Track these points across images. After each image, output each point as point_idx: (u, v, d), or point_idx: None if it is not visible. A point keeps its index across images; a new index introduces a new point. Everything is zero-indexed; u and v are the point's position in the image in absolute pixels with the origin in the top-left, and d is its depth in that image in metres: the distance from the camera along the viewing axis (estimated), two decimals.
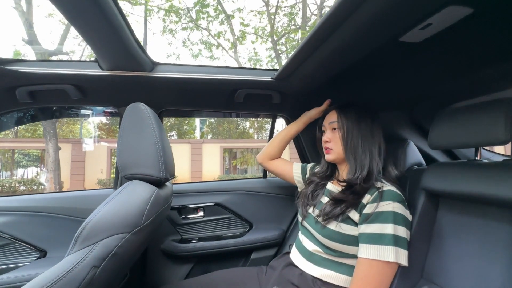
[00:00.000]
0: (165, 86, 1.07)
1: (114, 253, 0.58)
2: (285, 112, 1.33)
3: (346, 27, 0.65)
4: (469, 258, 0.69)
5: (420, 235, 0.81)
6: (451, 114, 0.77)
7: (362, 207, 0.75)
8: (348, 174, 0.85)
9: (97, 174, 9.08)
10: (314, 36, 0.72)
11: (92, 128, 11.29)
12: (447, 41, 0.71)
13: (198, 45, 9.12)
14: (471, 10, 0.57)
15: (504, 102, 0.64)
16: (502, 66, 0.78)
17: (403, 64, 0.88)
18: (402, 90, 1.09)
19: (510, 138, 0.61)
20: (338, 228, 0.76)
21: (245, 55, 9.54)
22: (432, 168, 0.82)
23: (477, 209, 0.71)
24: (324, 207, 0.82)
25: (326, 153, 0.90)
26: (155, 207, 0.71)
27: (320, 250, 0.82)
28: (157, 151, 0.75)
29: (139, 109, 0.77)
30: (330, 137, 0.89)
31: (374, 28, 0.64)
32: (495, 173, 0.64)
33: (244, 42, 9.04)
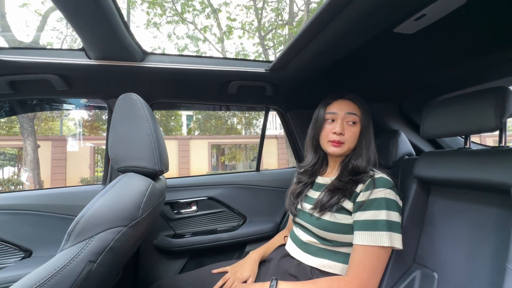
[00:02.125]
0: (157, 77, 1.03)
1: (111, 247, 0.56)
2: (278, 104, 1.33)
3: (342, 17, 0.65)
4: (460, 241, 0.72)
5: (413, 222, 0.83)
6: (442, 104, 0.79)
7: (355, 196, 0.76)
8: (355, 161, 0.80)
9: (80, 172, 8.75)
10: (311, 26, 0.72)
11: (74, 125, 10.84)
12: (439, 33, 0.73)
13: (184, 40, 8.92)
14: (464, 1, 0.59)
15: (493, 91, 0.67)
16: (491, 57, 0.81)
17: (396, 56, 0.90)
18: (393, 81, 1.12)
19: (499, 125, 0.64)
20: (333, 218, 0.77)
21: (233, 50, 9.39)
22: (423, 157, 0.85)
23: (467, 195, 0.74)
24: (321, 198, 0.80)
25: (335, 145, 0.80)
26: (152, 199, 0.69)
27: (315, 241, 0.82)
28: (152, 143, 0.72)
29: (131, 99, 0.74)
30: (344, 129, 0.80)
31: (369, 18, 0.65)
32: (485, 159, 0.67)
33: (231, 37, 8.93)
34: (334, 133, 0.80)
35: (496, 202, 0.66)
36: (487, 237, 0.67)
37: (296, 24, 7.65)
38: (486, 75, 0.96)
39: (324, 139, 0.84)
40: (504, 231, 0.59)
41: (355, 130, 0.81)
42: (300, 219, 0.86)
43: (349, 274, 0.71)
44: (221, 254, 1.32)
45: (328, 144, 0.82)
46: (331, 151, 0.82)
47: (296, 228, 0.90)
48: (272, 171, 1.59)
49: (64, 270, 0.49)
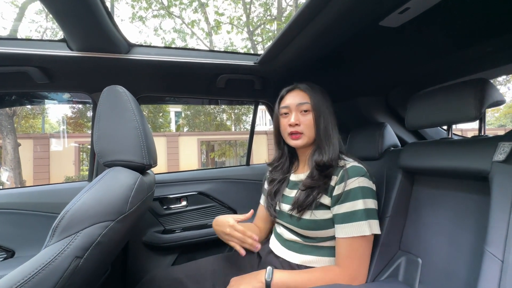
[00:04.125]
0: (143, 70, 1.01)
1: (98, 242, 0.55)
2: (266, 98, 1.33)
3: (329, 10, 0.65)
4: (442, 227, 0.76)
5: (398, 211, 0.86)
6: (425, 96, 0.82)
7: (331, 189, 0.76)
8: (318, 157, 0.78)
9: (64, 171, 8.47)
10: (298, 19, 0.72)
11: (57, 122, 10.44)
12: (423, 26, 0.74)
13: (171, 34, 8.75)
14: None
15: (473, 83, 0.69)
16: (472, 50, 0.84)
17: (382, 49, 0.92)
18: (380, 75, 1.14)
19: (479, 115, 0.67)
20: (313, 217, 0.77)
21: (221, 45, 9.27)
22: (408, 148, 0.87)
23: (449, 183, 0.77)
24: (297, 198, 0.79)
25: (294, 138, 0.80)
26: (140, 194, 0.68)
27: (298, 239, 0.82)
28: (139, 136, 0.71)
29: (117, 92, 0.72)
30: (300, 119, 0.80)
31: (356, 11, 0.66)
32: (465, 148, 0.70)
33: (219, 32, 8.82)
34: (290, 125, 0.80)
35: (476, 189, 0.69)
36: (468, 223, 0.70)
37: (285, 19, 7.64)
38: (468, 68, 0.99)
39: (284, 134, 0.84)
40: (482, 216, 0.62)
41: (309, 118, 0.80)
42: (280, 220, 0.86)
43: (339, 266, 0.73)
44: (212, 248, 1.32)
45: (288, 138, 0.83)
46: (293, 144, 0.82)
47: (278, 226, 0.90)
48: (262, 165, 1.59)
49: (49, 267, 0.48)
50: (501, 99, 0.69)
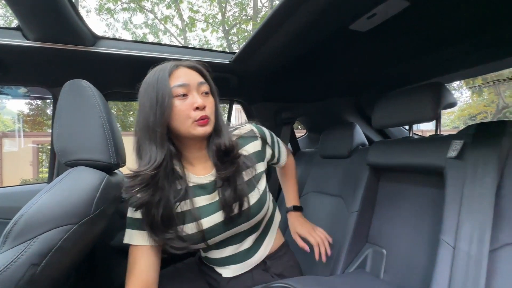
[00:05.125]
0: (111, 65, 0.95)
1: (59, 247, 0.51)
2: (242, 97, 1.33)
3: (300, 12, 0.67)
4: (405, 220, 0.81)
5: (366, 205, 0.91)
6: (390, 98, 0.87)
7: (262, 153, 0.76)
8: (218, 140, 0.66)
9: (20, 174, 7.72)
10: (270, 20, 0.74)
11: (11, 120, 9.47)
12: (390, 31, 0.79)
13: (143, 29, 8.38)
14: (408, 4, 0.65)
15: (430, 86, 0.76)
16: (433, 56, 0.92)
17: (353, 52, 0.96)
18: (351, 77, 1.20)
19: (435, 116, 0.73)
20: (257, 194, 0.70)
21: (196, 43, 9.08)
22: (374, 146, 0.93)
23: (411, 178, 0.83)
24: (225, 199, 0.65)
25: (202, 124, 0.61)
26: (106, 195, 0.64)
27: (248, 240, 0.74)
28: (105, 134, 0.67)
29: (80, 86, 0.67)
30: (205, 102, 0.62)
31: (326, 14, 0.68)
32: (424, 146, 0.76)
33: (194, 29, 8.64)
34: (197, 108, 0.61)
35: (433, 183, 0.75)
36: (426, 215, 0.76)
37: (260, 19, 7.70)
38: (429, 72, 1.08)
39: (183, 121, 0.61)
40: (439, 208, 0.68)
41: (212, 101, 0.66)
42: (215, 238, 0.68)
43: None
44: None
45: (193, 126, 0.61)
46: (201, 132, 0.62)
47: (211, 251, 0.74)
48: None
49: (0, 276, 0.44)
50: (454, 101, 0.77)
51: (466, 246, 0.56)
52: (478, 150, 0.62)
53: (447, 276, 0.57)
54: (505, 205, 0.56)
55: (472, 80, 7.18)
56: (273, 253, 0.79)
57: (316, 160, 1.28)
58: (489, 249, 0.53)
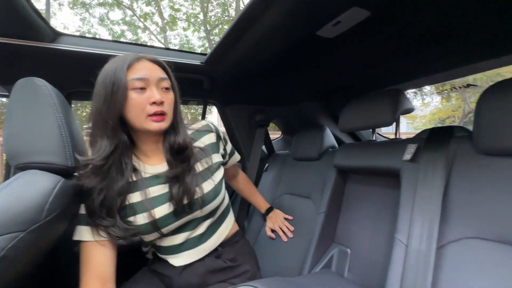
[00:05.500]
0: (73, 63, 0.91)
1: (3, 257, 0.48)
2: (216, 98, 1.32)
3: (268, 16, 0.68)
4: (367, 220, 0.85)
5: (333, 207, 0.94)
6: (353, 104, 0.91)
7: (217, 145, 0.80)
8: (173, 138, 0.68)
9: None
10: (237, 24, 0.74)
11: None
12: (355, 38, 0.82)
13: (121, 26, 8.08)
14: (369, 13, 0.68)
15: (389, 93, 0.80)
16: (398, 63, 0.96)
17: (321, 58, 0.99)
18: (322, 81, 1.23)
19: (393, 121, 0.77)
20: (211, 183, 0.72)
21: (177, 42, 8.91)
22: (341, 149, 0.96)
23: (372, 179, 0.87)
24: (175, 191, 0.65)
25: (159, 120, 0.62)
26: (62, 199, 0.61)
27: (202, 226, 0.74)
28: (62, 135, 0.64)
29: (34, 84, 0.64)
30: (163, 98, 0.63)
31: (293, 19, 0.70)
32: (383, 149, 0.80)
33: (175, 28, 8.47)
34: (153, 103, 0.61)
35: (392, 185, 0.79)
36: (386, 215, 0.80)
37: None
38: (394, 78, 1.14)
39: (138, 115, 0.61)
40: (396, 208, 0.71)
41: (171, 97, 0.66)
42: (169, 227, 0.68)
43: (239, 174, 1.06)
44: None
45: (148, 121, 0.62)
46: (155, 127, 0.62)
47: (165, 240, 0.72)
48: None
49: None
50: (411, 107, 0.81)
51: (416, 244, 0.59)
52: (429, 153, 0.66)
53: (400, 273, 0.60)
54: (451, 204, 0.60)
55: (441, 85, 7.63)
56: (226, 240, 0.80)
57: (289, 162, 1.30)
58: (437, 246, 0.57)
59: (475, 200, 0.56)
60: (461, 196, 0.59)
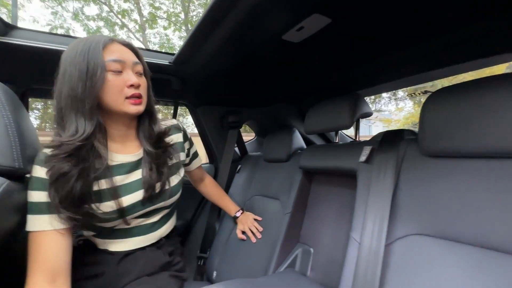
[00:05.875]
0: (28, 59, 0.86)
1: None
2: (186, 99, 1.30)
3: (230, 19, 0.69)
4: (329, 219, 0.88)
5: (299, 207, 0.96)
6: (317, 107, 0.94)
7: (182, 145, 0.83)
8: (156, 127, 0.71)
9: None
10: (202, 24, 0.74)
11: None
12: (319, 44, 0.85)
13: (97, 22, 7.75)
14: (330, 21, 0.71)
15: (349, 97, 0.83)
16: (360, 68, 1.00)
17: (290, 61, 1.01)
18: (293, 84, 1.25)
19: (351, 124, 0.80)
20: (178, 178, 0.77)
21: (156, 41, 8.69)
22: (306, 151, 0.99)
23: (334, 180, 0.90)
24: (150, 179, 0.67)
25: (137, 102, 0.62)
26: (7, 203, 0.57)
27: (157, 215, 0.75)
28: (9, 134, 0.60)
29: None
30: (139, 81, 0.63)
31: (257, 22, 0.71)
32: (343, 151, 0.83)
33: (155, 26, 8.26)
34: (131, 85, 0.61)
35: (351, 185, 0.83)
36: (345, 214, 0.83)
37: None
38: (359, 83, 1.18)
39: (116, 97, 0.60)
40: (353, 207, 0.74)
41: (145, 82, 0.67)
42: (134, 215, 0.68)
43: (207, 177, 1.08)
44: None
45: (126, 103, 0.61)
46: (134, 110, 0.62)
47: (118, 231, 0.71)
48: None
49: None
50: (369, 111, 0.85)
51: (368, 241, 0.62)
52: (382, 155, 0.69)
53: (353, 270, 0.63)
54: (399, 203, 0.63)
55: (413, 90, 8.03)
56: (169, 233, 0.82)
57: (261, 163, 1.31)
58: (385, 243, 0.60)
59: (419, 198, 0.60)
60: (407, 195, 0.62)
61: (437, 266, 0.53)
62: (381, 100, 8.44)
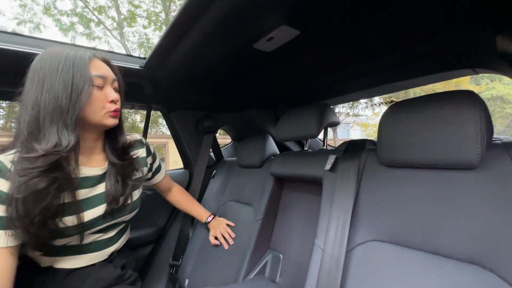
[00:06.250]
0: None
1: None
2: (160, 104, 1.28)
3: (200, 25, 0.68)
4: (298, 226, 0.90)
5: (270, 213, 0.97)
6: (287, 116, 0.96)
7: (145, 159, 0.84)
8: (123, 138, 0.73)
9: None
10: (173, 29, 0.73)
11: None
12: (290, 54, 0.87)
13: (70, 17, 7.38)
14: (298, 32, 0.73)
15: (317, 106, 0.86)
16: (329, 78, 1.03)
17: (263, 69, 1.02)
18: (267, 90, 1.27)
19: (318, 133, 0.83)
20: (139, 192, 0.79)
21: (135, 40, 8.43)
22: (277, 158, 1.01)
23: (303, 187, 0.93)
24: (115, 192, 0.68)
25: (114, 115, 0.66)
26: None
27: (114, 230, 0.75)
28: None
29: None
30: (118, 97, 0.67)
31: (227, 30, 0.71)
32: (311, 159, 0.85)
33: (134, 24, 8.02)
34: (112, 101, 0.65)
35: (317, 192, 0.85)
36: (314, 220, 0.85)
37: None
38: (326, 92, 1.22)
39: (98, 111, 0.63)
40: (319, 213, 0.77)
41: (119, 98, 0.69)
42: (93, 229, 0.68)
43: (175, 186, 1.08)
44: None
45: (106, 116, 0.64)
46: (112, 123, 0.66)
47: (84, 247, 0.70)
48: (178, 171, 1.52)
49: None
50: (336, 120, 0.89)
51: (330, 248, 0.64)
52: (345, 163, 0.72)
53: (316, 276, 0.64)
54: (359, 210, 0.66)
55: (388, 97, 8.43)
56: (122, 247, 0.81)
57: (235, 169, 1.32)
58: (347, 249, 0.63)
59: (377, 206, 0.63)
60: (367, 203, 0.65)
61: (391, 271, 0.56)
62: (359, 105, 8.78)
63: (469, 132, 0.49)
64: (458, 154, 0.50)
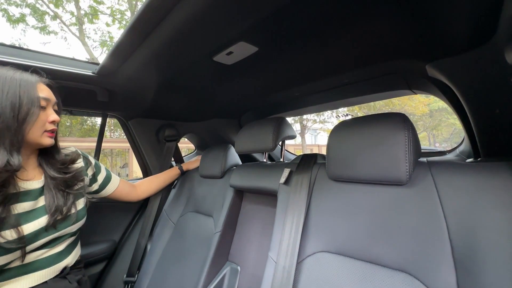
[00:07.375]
0: None
1: None
2: (116, 111, 1.22)
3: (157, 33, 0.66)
4: (256, 237, 0.91)
5: (229, 225, 0.97)
6: (246, 129, 0.97)
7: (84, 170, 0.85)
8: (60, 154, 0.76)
9: None
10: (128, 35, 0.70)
11: None
12: (250, 68, 0.88)
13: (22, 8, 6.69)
14: (256, 49, 0.75)
15: (274, 120, 0.89)
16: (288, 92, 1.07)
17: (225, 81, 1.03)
18: (231, 101, 1.28)
19: (275, 147, 0.86)
20: (83, 202, 0.79)
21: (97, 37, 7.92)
22: (236, 169, 1.01)
23: (261, 199, 0.94)
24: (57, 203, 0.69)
25: (51, 135, 0.70)
26: None
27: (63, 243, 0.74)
28: None
29: None
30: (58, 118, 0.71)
31: (185, 41, 0.70)
32: (269, 172, 0.88)
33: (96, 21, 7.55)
34: (53, 121, 0.69)
35: (274, 204, 0.88)
36: (270, 232, 0.87)
37: None
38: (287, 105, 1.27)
39: (38, 130, 0.66)
40: None
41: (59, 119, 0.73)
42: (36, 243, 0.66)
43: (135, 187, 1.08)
44: None
45: (44, 136, 0.68)
46: (49, 142, 0.69)
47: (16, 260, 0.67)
48: None
49: None
50: (292, 134, 0.92)
51: (282, 260, 0.67)
52: (298, 176, 0.76)
53: None
54: (310, 223, 0.70)
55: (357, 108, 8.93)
56: (76, 262, 0.79)
57: (197, 179, 1.29)
58: (297, 261, 0.65)
59: (325, 218, 0.67)
60: (316, 215, 0.69)
61: (335, 281, 0.60)
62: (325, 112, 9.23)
63: (398, 152, 0.54)
64: (391, 171, 0.56)
